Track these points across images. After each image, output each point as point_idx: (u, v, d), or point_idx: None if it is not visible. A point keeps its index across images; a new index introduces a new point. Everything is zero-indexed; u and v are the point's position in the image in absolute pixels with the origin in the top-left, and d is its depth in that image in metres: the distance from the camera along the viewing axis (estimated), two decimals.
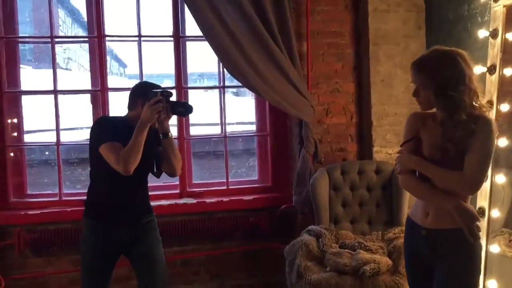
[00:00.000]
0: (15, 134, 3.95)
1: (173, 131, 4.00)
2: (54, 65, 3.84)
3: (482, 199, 3.04)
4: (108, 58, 3.64)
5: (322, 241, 3.18)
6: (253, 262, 4.01)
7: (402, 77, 3.82)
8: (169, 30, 3.99)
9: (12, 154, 3.89)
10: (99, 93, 3.88)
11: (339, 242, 3.26)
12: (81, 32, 6.41)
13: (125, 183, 2.29)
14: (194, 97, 4.42)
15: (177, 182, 4.08)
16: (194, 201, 3.96)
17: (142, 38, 3.99)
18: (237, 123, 4.87)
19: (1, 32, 3.78)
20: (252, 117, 4.29)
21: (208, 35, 3.55)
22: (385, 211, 3.43)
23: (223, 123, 4.12)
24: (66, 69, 4.97)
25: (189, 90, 4.15)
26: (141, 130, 2.23)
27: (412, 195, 2.23)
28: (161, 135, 2.36)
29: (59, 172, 3.85)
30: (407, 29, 3.83)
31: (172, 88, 4.02)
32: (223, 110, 4.12)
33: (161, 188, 4.10)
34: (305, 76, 3.82)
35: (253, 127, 4.33)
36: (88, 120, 3.99)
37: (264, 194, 4.10)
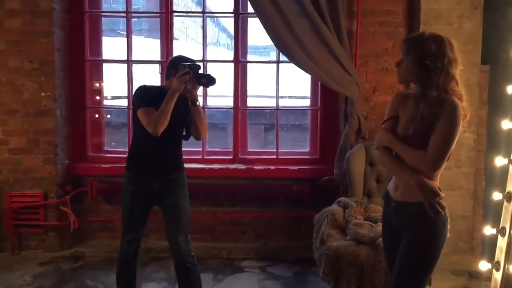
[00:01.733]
0: (97, 97, 4.54)
1: (229, 102, 4.37)
2: (128, 37, 4.32)
3: (510, 183, 3.03)
4: (216, 30, 3.95)
5: (348, 212, 3.36)
6: (294, 227, 4.29)
7: None
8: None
9: (96, 116, 4.49)
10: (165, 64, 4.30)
11: (365, 215, 3.41)
12: (194, 6, 6.95)
13: (159, 142, 2.66)
14: (255, 70, 4.71)
15: (231, 149, 4.43)
16: (244, 167, 4.29)
17: (206, 14, 4.34)
18: (294, 97, 5.08)
19: (85, 7, 4.31)
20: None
21: (259, 12, 3.79)
22: None
23: (277, 96, 4.37)
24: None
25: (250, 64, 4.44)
26: (170, 98, 2.57)
27: (385, 169, 2.34)
28: (190, 103, 2.68)
29: (128, 133, 4.36)
30: (461, 9, 3.76)
31: (230, 61, 4.34)
32: (277, 84, 4.35)
33: (216, 153, 4.49)
34: (354, 54, 3.93)
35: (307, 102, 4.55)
36: None
37: (311, 165, 4.33)
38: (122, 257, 2.88)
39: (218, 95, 4.82)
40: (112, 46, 4.63)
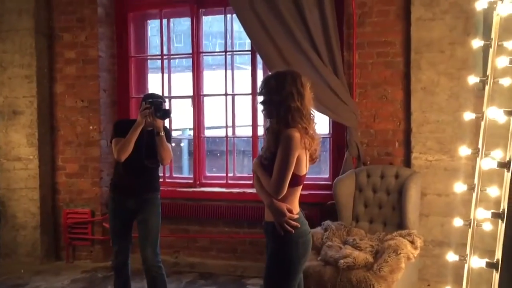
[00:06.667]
0: None
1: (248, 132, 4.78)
2: (162, 76, 4.98)
3: None
4: None
5: (326, 235, 3.55)
6: None
7: (446, 85, 3.82)
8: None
9: None
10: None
11: (344, 238, 3.56)
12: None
13: (129, 168, 3.16)
14: None
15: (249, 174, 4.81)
16: None
17: (228, 53, 4.85)
18: None
19: (130, 53, 5.07)
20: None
21: (260, 51, 4.21)
22: (398, 214, 3.57)
23: None
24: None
25: None
26: (133, 130, 3.06)
27: None
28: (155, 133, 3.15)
29: None
30: (454, 36, 3.79)
31: (247, 95, 4.76)
32: None
33: (239, 178, 4.90)
34: (351, 84, 4.12)
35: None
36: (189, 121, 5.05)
37: (323, 190, 4.52)
38: (113, 266, 3.42)
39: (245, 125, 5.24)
40: (156, 82, 5.29)
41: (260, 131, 4.76)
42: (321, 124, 4.98)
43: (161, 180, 4.95)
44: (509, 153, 2.40)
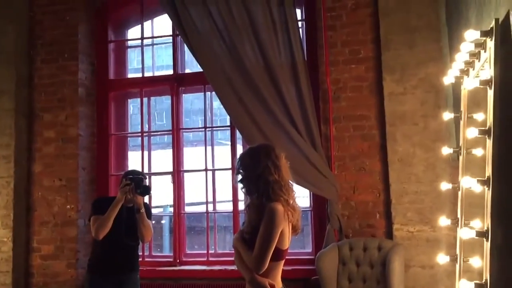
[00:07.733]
0: None
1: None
2: (142, 153, 4.99)
3: None
4: None
5: None
6: None
7: (422, 156, 3.89)
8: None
9: None
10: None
11: None
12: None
13: (110, 246, 3.09)
14: None
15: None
16: None
17: (208, 129, 4.91)
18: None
19: (110, 131, 5.10)
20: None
21: (239, 127, 4.27)
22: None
23: None
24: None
25: None
26: (113, 207, 3.03)
27: None
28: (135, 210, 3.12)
29: None
30: (425, 109, 3.92)
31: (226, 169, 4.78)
32: None
33: (218, 256, 4.79)
34: (330, 157, 4.17)
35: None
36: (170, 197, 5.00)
37: (306, 265, 4.43)
38: None
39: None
40: (136, 159, 5.28)
41: (241, 206, 4.72)
42: (302, 197, 5.02)
43: (140, 259, 4.88)
44: (487, 222, 2.40)
